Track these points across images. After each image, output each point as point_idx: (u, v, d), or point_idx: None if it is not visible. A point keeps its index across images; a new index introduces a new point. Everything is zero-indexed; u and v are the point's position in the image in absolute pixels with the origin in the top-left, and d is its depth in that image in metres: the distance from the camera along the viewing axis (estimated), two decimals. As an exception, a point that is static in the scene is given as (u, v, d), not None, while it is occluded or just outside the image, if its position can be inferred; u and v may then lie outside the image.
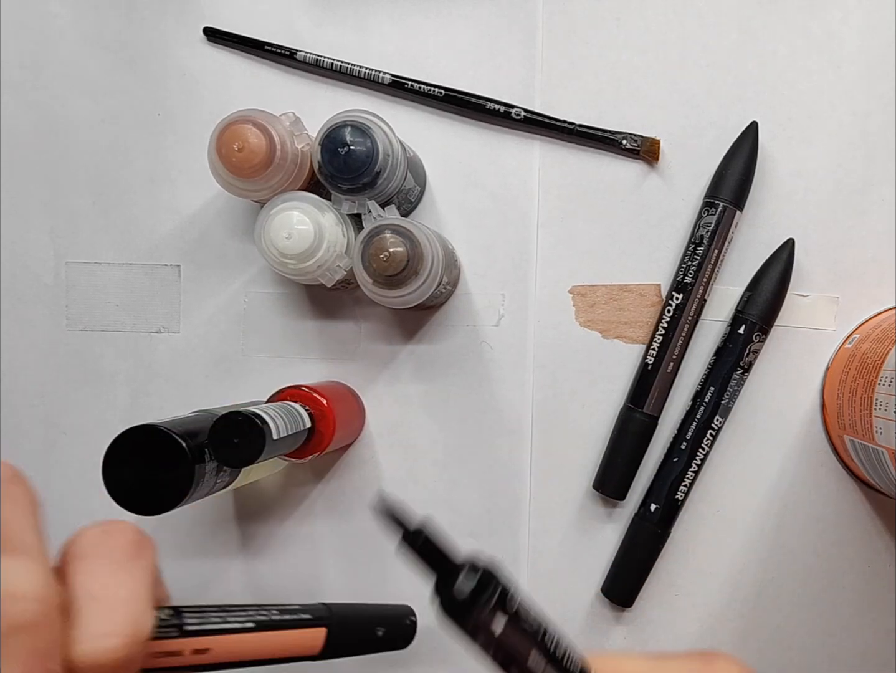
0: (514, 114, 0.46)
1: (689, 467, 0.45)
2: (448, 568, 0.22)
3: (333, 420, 0.42)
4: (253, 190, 0.41)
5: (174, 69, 0.48)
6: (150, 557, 0.23)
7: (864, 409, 0.40)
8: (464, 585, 0.21)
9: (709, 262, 0.44)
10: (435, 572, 0.22)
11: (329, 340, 0.48)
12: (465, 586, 0.21)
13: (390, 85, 0.46)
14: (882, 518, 0.46)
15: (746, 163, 0.44)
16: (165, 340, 0.49)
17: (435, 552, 0.22)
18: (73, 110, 0.48)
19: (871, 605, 0.46)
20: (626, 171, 0.46)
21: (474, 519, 0.48)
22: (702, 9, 0.46)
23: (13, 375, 0.49)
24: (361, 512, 0.48)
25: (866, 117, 0.45)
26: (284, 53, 0.47)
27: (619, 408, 0.46)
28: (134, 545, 0.22)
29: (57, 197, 0.49)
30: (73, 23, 0.48)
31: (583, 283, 0.47)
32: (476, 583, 0.22)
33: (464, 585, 0.21)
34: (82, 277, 0.49)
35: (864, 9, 0.45)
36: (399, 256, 0.40)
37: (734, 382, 0.44)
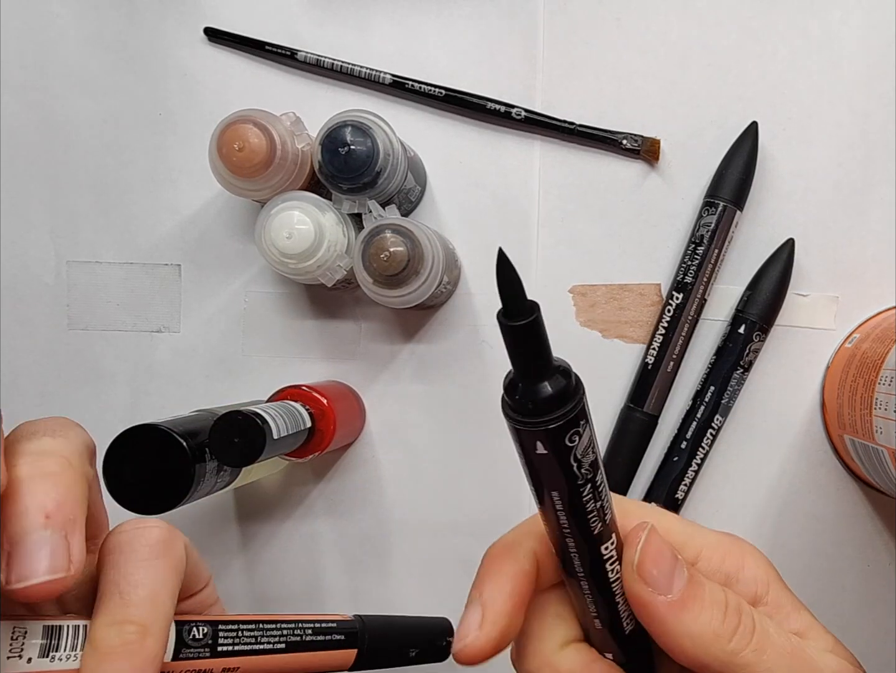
0: (515, 114, 0.46)
1: (689, 467, 0.45)
2: (543, 362, 0.19)
3: (334, 420, 0.42)
4: (253, 190, 0.41)
5: (174, 69, 0.48)
6: (177, 554, 0.24)
7: (864, 408, 0.40)
8: (555, 384, 0.19)
9: (709, 262, 0.44)
10: (526, 361, 0.19)
11: (329, 339, 0.48)
12: (554, 386, 0.19)
13: (391, 85, 0.46)
14: (882, 518, 0.46)
15: (746, 163, 0.44)
16: (166, 340, 0.49)
17: (540, 339, 0.19)
18: (73, 110, 0.48)
19: (871, 605, 0.46)
20: (626, 171, 0.46)
21: (474, 519, 0.48)
22: (702, 9, 0.46)
23: (13, 375, 0.49)
24: (361, 512, 0.48)
25: (866, 117, 0.45)
26: (285, 53, 0.47)
27: (620, 407, 0.46)
28: (162, 543, 0.23)
29: (57, 197, 0.49)
30: (73, 23, 0.48)
31: (583, 282, 0.47)
32: (564, 386, 0.19)
33: (555, 385, 0.19)
34: (83, 277, 0.49)
35: (864, 9, 0.45)
36: (399, 256, 0.40)
37: (734, 381, 0.44)
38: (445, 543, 0.48)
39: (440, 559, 0.48)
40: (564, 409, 0.19)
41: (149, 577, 0.22)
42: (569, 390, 0.19)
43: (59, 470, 0.21)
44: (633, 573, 0.22)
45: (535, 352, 0.19)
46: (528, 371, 0.19)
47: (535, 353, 0.19)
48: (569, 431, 0.19)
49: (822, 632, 0.25)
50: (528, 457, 0.20)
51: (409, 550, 0.48)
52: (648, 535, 0.23)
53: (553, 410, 0.19)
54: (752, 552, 0.26)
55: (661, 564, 0.22)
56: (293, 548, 0.49)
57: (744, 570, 0.25)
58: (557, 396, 0.19)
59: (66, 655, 0.21)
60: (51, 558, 0.20)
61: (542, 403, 0.19)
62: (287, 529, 0.49)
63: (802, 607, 0.26)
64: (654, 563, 0.22)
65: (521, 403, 0.19)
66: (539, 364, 0.19)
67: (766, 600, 0.25)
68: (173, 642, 0.23)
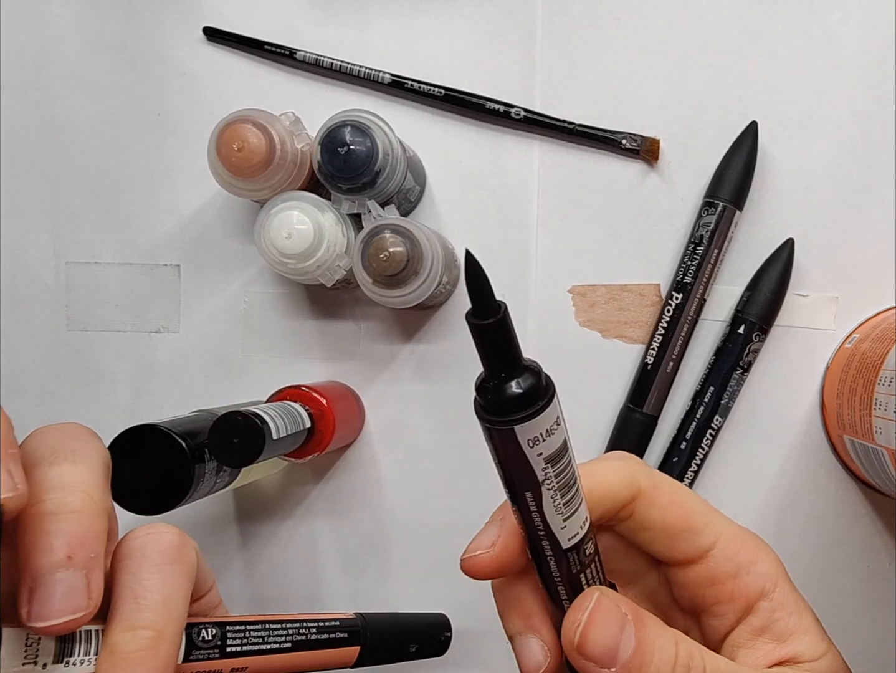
0: (514, 114, 0.46)
1: (688, 467, 0.45)
2: (511, 361, 0.19)
3: (333, 420, 0.42)
4: (253, 190, 0.41)
5: (174, 69, 0.48)
6: (189, 560, 0.24)
7: (864, 408, 0.40)
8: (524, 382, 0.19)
9: (708, 262, 0.44)
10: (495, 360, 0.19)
11: (329, 339, 0.48)
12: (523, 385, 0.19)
13: (390, 85, 0.46)
14: (882, 518, 0.46)
15: (746, 163, 0.44)
16: (165, 340, 0.49)
17: (507, 338, 0.19)
18: (73, 110, 0.48)
19: (871, 605, 0.46)
20: (625, 171, 0.46)
21: (474, 519, 0.47)
22: (702, 9, 0.46)
23: (13, 375, 0.49)
24: (361, 512, 0.48)
25: (866, 117, 0.45)
26: (284, 53, 0.47)
27: (619, 408, 0.46)
28: (174, 549, 0.23)
29: (57, 197, 0.49)
30: (73, 23, 0.48)
31: (583, 282, 0.47)
32: (533, 385, 0.19)
33: (524, 383, 0.19)
34: (82, 277, 0.49)
35: (864, 9, 0.45)
36: (399, 256, 0.40)
37: (734, 381, 0.44)
38: (445, 543, 0.48)
39: (439, 559, 0.48)
40: (534, 407, 0.19)
41: (163, 582, 0.22)
42: (538, 389, 0.19)
43: (82, 507, 0.22)
44: (573, 653, 0.23)
45: (503, 351, 0.19)
46: (497, 370, 0.19)
47: (503, 352, 0.19)
48: (539, 429, 0.19)
49: (816, 638, 0.26)
50: (500, 456, 0.20)
51: (409, 550, 0.48)
52: (592, 608, 0.23)
53: (522, 408, 0.19)
54: (766, 550, 0.27)
55: (605, 641, 0.22)
56: (293, 548, 0.49)
57: (756, 564, 0.26)
58: (526, 394, 0.19)
59: (79, 659, 0.21)
60: (71, 599, 0.20)
61: (511, 402, 0.19)
62: (287, 529, 0.49)
63: (806, 610, 0.27)
64: (595, 641, 0.22)
65: (491, 402, 0.19)
66: (508, 363, 0.19)
67: (771, 597, 0.26)
68: (184, 645, 0.23)
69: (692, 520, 0.26)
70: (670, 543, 0.26)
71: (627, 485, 0.25)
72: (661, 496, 0.26)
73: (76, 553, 0.21)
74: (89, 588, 0.21)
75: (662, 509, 0.26)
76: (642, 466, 0.26)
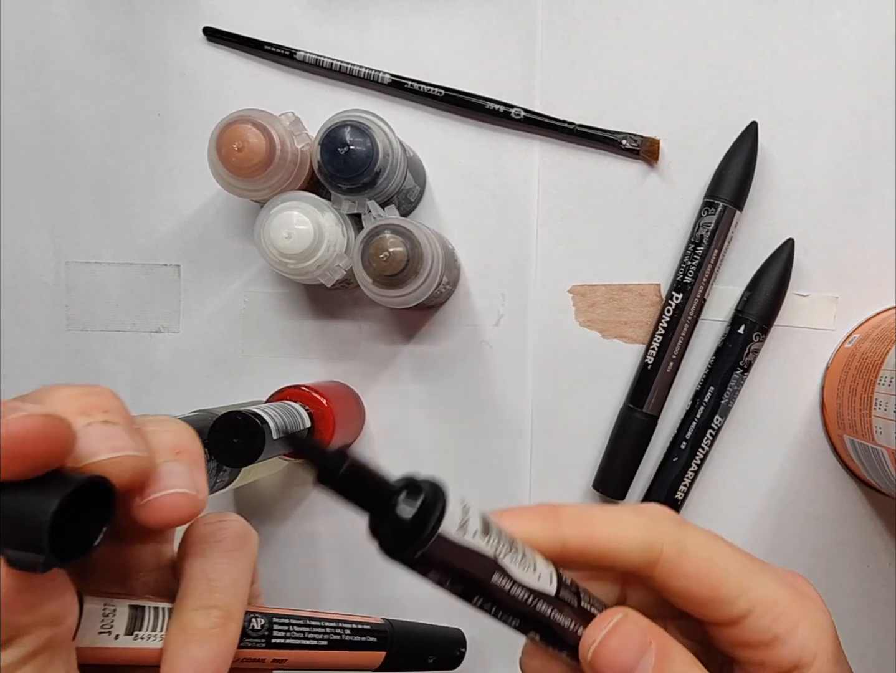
0: (514, 114, 0.46)
1: (688, 467, 0.45)
2: (382, 499, 0.18)
3: (333, 420, 0.42)
4: (253, 190, 0.41)
5: (174, 69, 0.48)
6: (253, 548, 0.25)
7: (864, 408, 0.40)
8: (404, 511, 0.18)
9: (708, 262, 0.44)
10: (367, 508, 0.18)
11: (329, 340, 0.48)
12: (405, 513, 0.18)
13: (390, 85, 0.46)
14: (882, 518, 0.46)
15: (746, 163, 0.44)
16: (165, 340, 0.49)
17: (363, 484, 0.18)
18: (73, 110, 0.48)
19: (871, 605, 0.46)
20: (626, 171, 0.46)
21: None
22: (702, 9, 0.46)
23: (13, 375, 0.49)
24: (361, 512, 0.48)
25: (866, 117, 0.45)
26: (284, 53, 0.47)
27: (619, 407, 0.46)
28: (241, 537, 0.24)
29: (57, 197, 0.49)
30: (73, 23, 0.48)
31: (582, 282, 0.47)
32: (419, 507, 0.18)
33: (404, 513, 0.18)
34: (82, 277, 0.49)
35: (864, 9, 0.45)
36: (399, 256, 0.40)
37: (734, 381, 0.44)
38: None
39: (440, 559, 0.48)
40: (427, 527, 0.18)
41: (232, 567, 0.23)
42: (425, 509, 0.18)
43: (183, 426, 0.23)
44: (587, 667, 0.22)
45: (370, 491, 0.18)
46: (375, 512, 0.18)
47: (370, 492, 0.18)
48: (442, 548, 0.18)
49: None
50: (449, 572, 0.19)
51: (409, 550, 0.48)
52: (611, 628, 0.22)
53: (418, 533, 0.18)
54: (810, 616, 0.24)
55: (620, 660, 0.21)
56: (293, 548, 0.49)
57: (794, 634, 0.23)
58: (414, 521, 0.18)
59: (147, 634, 0.22)
60: (182, 478, 0.21)
61: (404, 536, 0.18)
62: (287, 529, 0.49)
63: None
64: (608, 661, 0.21)
65: (389, 542, 0.18)
66: (381, 501, 0.18)
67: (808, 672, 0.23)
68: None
69: (721, 589, 0.23)
70: (695, 610, 0.23)
71: (644, 548, 0.23)
72: (686, 565, 0.23)
73: (183, 451, 0.22)
74: (197, 482, 0.21)
75: (686, 579, 0.23)
76: (672, 528, 0.23)
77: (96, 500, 0.18)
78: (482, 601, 0.20)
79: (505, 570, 0.20)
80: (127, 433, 0.20)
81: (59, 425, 0.18)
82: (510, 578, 0.20)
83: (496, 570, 0.20)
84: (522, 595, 0.20)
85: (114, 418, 0.20)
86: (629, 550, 0.23)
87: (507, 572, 0.20)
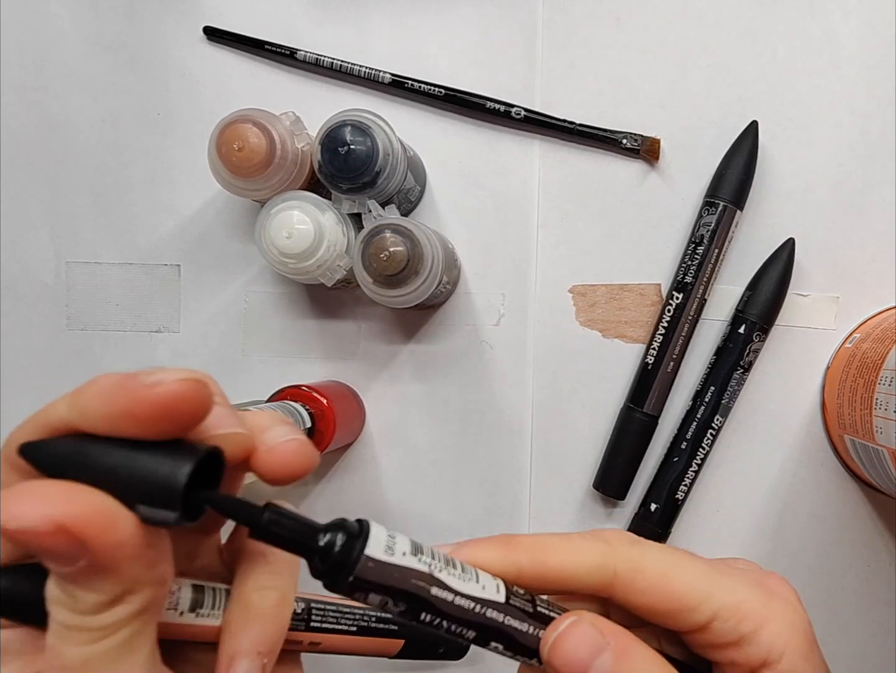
0: (515, 113, 0.46)
1: (689, 467, 0.45)
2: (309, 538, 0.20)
3: (333, 420, 0.42)
4: (253, 189, 0.41)
5: (174, 69, 0.48)
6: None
7: (864, 408, 0.40)
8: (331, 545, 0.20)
9: (709, 262, 0.44)
10: (298, 551, 0.20)
11: (329, 339, 0.48)
12: (332, 547, 0.20)
13: (390, 84, 0.46)
14: (882, 518, 0.46)
15: (746, 162, 0.44)
16: (165, 340, 0.49)
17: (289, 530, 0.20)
18: (73, 110, 0.48)
19: (871, 605, 0.46)
20: (626, 171, 0.46)
21: (474, 519, 0.48)
22: (702, 9, 0.46)
23: (13, 375, 0.49)
24: (361, 512, 0.48)
25: (866, 117, 0.45)
26: (284, 53, 0.47)
27: (619, 407, 0.46)
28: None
29: (57, 197, 0.49)
30: (73, 23, 0.48)
31: (583, 282, 0.47)
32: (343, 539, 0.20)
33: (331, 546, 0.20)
34: (82, 277, 0.49)
35: (864, 9, 0.45)
36: (399, 256, 0.40)
37: (734, 381, 0.44)
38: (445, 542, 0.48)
39: (440, 559, 0.48)
40: (353, 553, 0.20)
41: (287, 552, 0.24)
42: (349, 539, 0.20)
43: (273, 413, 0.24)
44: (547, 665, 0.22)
45: (298, 535, 0.20)
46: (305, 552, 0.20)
47: (298, 536, 0.20)
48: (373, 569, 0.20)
49: None
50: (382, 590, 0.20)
51: (409, 550, 0.48)
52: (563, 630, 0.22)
53: (346, 560, 0.20)
54: (777, 613, 0.25)
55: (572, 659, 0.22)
56: (293, 548, 0.48)
57: (760, 634, 0.24)
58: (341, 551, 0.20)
59: (207, 612, 0.23)
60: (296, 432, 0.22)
61: (335, 566, 0.20)
62: (287, 530, 0.48)
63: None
64: (563, 658, 0.22)
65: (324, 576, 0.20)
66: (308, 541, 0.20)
67: (776, 667, 0.24)
68: None
69: (682, 600, 0.24)
70: (661, 621, 0.24)
71: (596, 571, 0.24)
72: (641, 582, 0.24)
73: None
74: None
75: (643, 595, 0.24)
76: (625, 548, 0.24)
77: (207, 469, 0.20)
78: (429, 617, 0.21)
79: (443, 582, 0.21)
80: (235, 415, 0.22)
81: (206, 391, 0.19)
82: (451, 590, 0.21)
83: (434, 583, 0.21)
84: (469, 605, 0.21)
85: (221, 401, 0.22)
86: (583, 573, 0.24)
87: (446, 585, 0.21)
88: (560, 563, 0.24)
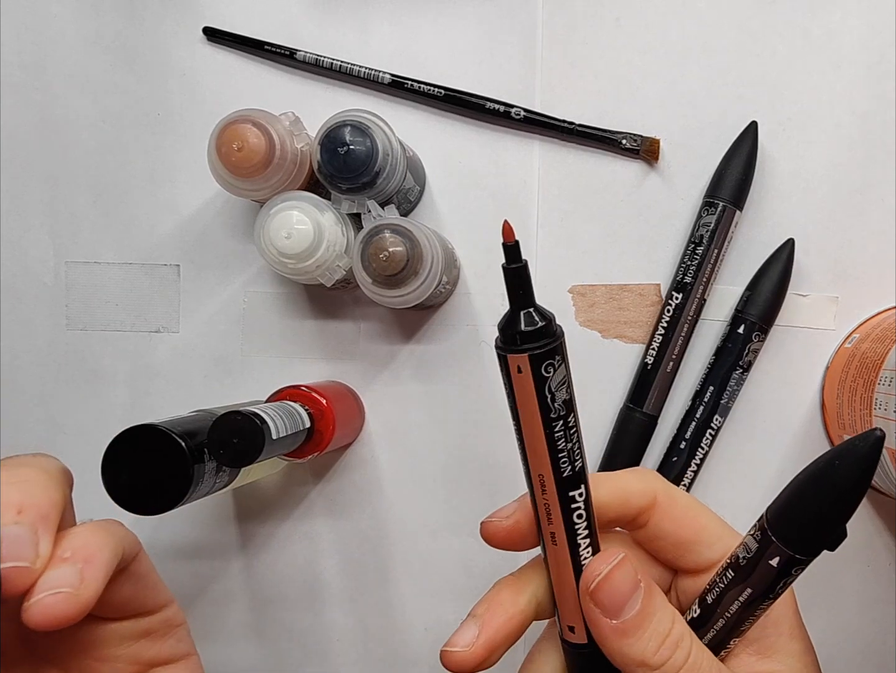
0: (514, 114, 0.46)
1: (688, 467, 0.45)
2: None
3: (333, 420, 0.42)
4: (252, 189, 0.41)
5: (174, 69, 0.48)
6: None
7: (864, 408, 0.40)
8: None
9: (708, 262, 0.44)
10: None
11: (329, 339, 0.48)
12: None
13: (390, 85, 0.46)
14: (882, 518, 0.46)
15: (746, 163, 0.44)
16: (165, 340, 0.49)
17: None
18: (73, 110, 0.48)
19: (871, 605, 0.46)
20: (625, 171, 0.46)
21: (474, 519, 0.47)
22: (702, 9, 0.46)
23: (13, 375, 0.49)
24: (360, 512, 0.48)
25: (866, 117, 0.45)
26: (284, 53, 0.47)
27: (619, 407, 0.46)
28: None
29: (57, 197, 0.49)
30: (72, 23, 0.48)
31: (582, 282, 0.47)
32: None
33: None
34: (82, 277, 0.49)
35: (864, 9, 0.45)
36: (399, 256, 0.40)
37: (734, 381, 0.44)
38: (445, 543, 0.48)
39: (440, 560, 0.48)
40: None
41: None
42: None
43: (35, 476, 0.23)
44: (587, 596, 0.26)
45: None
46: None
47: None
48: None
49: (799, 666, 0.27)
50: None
51: (409, 550, 0.48)
52: (612, 568, 0.25)
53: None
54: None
55: (616, 596, 0.25)
56: (292, 548, 0.49)
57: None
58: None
59: None
60: (16, 548, 0.21)
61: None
62: (286, 529, 0.49)
63: (800, 638, 0.28)
64: (608, 592, 0.25)
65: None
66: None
67: (768, 613, 0.27)
68: None
69: (703, 534, 0.28)
70: (681, 553, 0.28)
71: (644, 493, 0.28)
72: (676, 509, 0.28)
73: (26, 511, 0.22)
74: (38, 545, 0.21)
75: (676, 521, 0.28)
76: (661, 481, 0.29)
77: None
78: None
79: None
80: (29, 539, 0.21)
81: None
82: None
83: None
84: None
85: (24, 519, 0.21)
86: (634, 496, 0.28)
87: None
88: (619, 487, 0.28)
